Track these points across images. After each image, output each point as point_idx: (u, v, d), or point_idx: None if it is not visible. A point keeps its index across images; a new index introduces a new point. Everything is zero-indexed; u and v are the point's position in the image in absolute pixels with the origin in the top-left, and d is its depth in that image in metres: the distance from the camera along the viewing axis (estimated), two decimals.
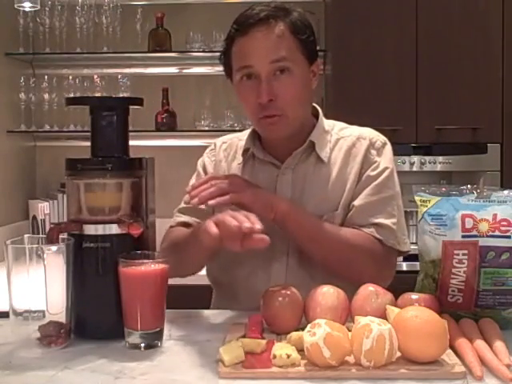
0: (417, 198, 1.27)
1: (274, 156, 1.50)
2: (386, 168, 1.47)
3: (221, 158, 1.59)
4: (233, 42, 1.42)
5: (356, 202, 1.45)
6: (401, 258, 2.83)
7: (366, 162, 1.47)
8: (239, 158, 1.54)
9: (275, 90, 1.38)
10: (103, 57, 3.20)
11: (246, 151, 1.53)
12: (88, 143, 1.25)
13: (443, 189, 1.27)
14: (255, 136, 1.53)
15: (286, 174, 1.48)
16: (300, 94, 1.42)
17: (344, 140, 1.50)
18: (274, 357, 1.02)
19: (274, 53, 1.37)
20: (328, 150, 1.49)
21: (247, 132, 1.57)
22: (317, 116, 1.54)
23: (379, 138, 1.52)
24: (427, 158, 2.83)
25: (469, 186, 1.26)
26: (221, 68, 1.51)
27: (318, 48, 1.51)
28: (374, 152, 1.48)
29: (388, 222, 1.44)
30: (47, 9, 3.11)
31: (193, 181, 1.60)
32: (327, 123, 1.54)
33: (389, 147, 1.52)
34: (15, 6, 2.80)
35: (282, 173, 1.48)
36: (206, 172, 1.60)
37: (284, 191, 1.47)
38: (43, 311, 1.13)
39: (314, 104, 1.55)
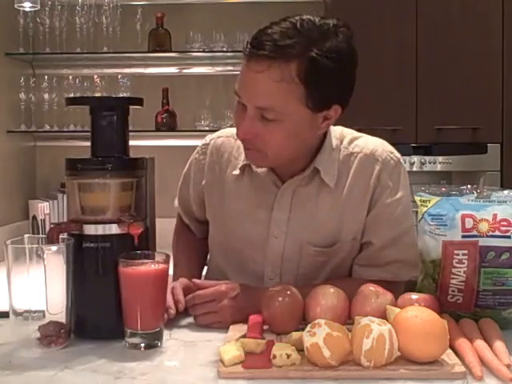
0: (417, 198, 1.27)
1: (276, 174, 1.38)
2: (403, 196, 1.38)
3: (214, 158, 1.48)
4: (244, 54, 1.24)
5: (374, 240, 1.37)
6: None
7: (379, 186, 1.36)
8: (235, 166, 1.43)
9: (257, 130, 1.23)
10: (103, 57, 3.19)
11: (245, 166, 1.41)
12: (88, 143, 1.25)
13: (443, 189, 1.27)
14: None
15: (285, 196, 1.37)
16: (286, 142, 1.25)
17: (354, 158, 1.38)
18: (274, 357, 1.02)
19: (264, 100, 1.20)
20: (335, 173, 1.36)
21: None
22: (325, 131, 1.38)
23: (393, 156, 1.39)
24: (427, 158, 2.83)
25: (469, 186, 1.26)
26: (221, 68, 1.49)
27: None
28: (386, 176, 1.37)
29: (409, 255, 1.37)
30: (47, 9, 3.11)
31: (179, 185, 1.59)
32: (335, 135, 1.39)
33: (403, 169, 1.40)
34: (15, 5, 2.80)
35: (281, 194, 1.38)
36: (190, 178, 1.53)
37: (281, 213, 1.38)
38: (43, 311, 1.13)
39: None
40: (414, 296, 1.20)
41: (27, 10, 2.94)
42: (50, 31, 3.14)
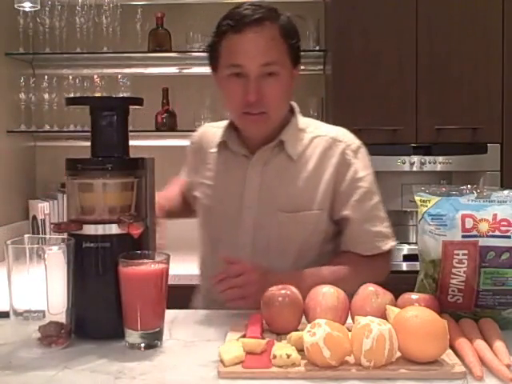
0: (417, 198, 1.27)
1: (247, 148, 1.53)
2: (368, 174, 1.52)
3: (201, 145, 1.65)
4: (224, 36, 1.43)
5: (352, 214, 1.49)
6: (401, 258, 2.85)
7: (343, 163, 1.50)
8: (213, 147, 1.59)
9: (263, 90, 1.41)
10: (103, 57, 3.19)
11: (222, 143, 1.57)
12: (88, 143, 1.25)
13: (443, 189, 1.27)
14: (231, 128, 1.57)
15: (256, 167, 1.51)
16: (283, 95, 1.46)
17: (320, 139, 1.53)
18: (274, 357, 1.02)
19: (266, 56, 1.41)
20: (300, 149, 1.51)
21: (222, 122, 1.62)
22: (292, 112, 1.56)
23: (355, 141, 1.55)
24: (427, 158, 2.82)
25: (469, 186, 1.26)
26: None
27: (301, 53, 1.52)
28: (350, 153, 1.51)
29: (383, 228, 1.52)
30: (47, 9, 3.11)
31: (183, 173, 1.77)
32: (303, 121, 1.57)
33: (364, 150, 1.55)
34: (15, 5, 2.80)
35: (252, 165, 1.52)
36: (188, 159, 1.72)
37: (253, 183, 1.51)
38: (43, 311, 1.13)
39: (291, 101, 1.57)
40: (414, 296, 1.20)
41: (27, 9, 2.93)
42: (50, 31, 3.14)
